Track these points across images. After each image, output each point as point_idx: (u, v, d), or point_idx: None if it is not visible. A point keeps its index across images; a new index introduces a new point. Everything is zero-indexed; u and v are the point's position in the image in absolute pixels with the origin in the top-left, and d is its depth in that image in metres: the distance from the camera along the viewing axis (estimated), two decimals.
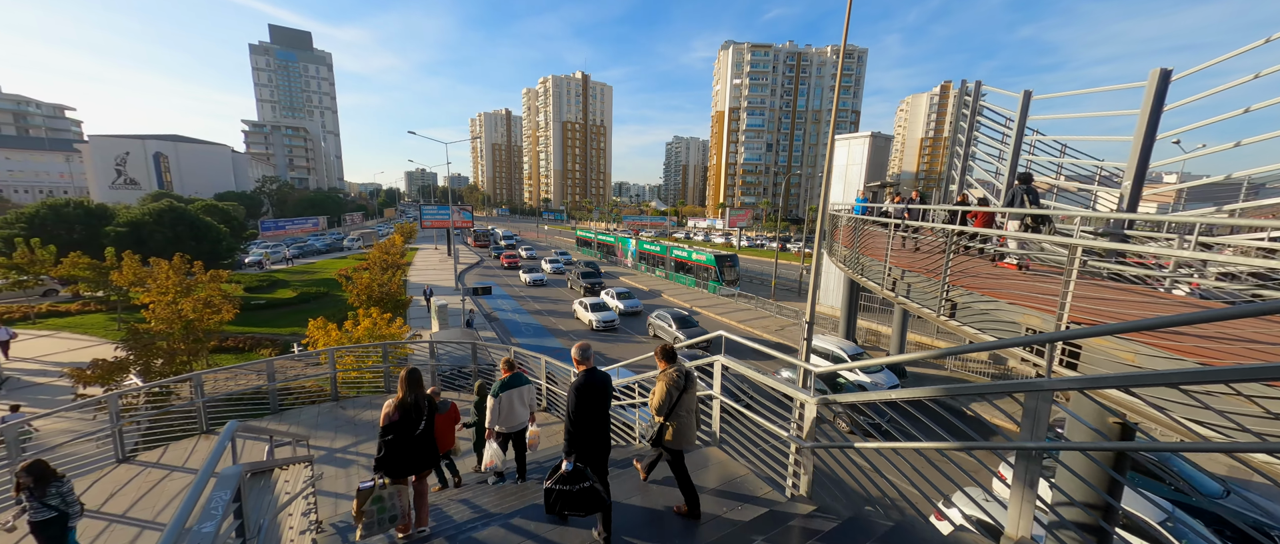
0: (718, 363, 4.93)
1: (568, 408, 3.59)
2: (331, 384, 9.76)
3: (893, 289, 8.48)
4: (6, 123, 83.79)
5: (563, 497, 3.46)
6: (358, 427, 8.76)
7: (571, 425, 3.57)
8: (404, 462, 4.01)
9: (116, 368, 10.94)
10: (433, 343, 10.49)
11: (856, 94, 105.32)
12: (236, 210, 43.39)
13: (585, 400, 3.56)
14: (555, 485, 3.50)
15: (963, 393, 2.85)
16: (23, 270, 21.08)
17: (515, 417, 5.21)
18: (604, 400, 3.68)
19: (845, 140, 28.45)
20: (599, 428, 3.66)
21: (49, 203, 27.27)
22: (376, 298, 18.18)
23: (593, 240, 53.87)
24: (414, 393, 4.05)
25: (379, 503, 3.84)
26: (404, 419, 3.96)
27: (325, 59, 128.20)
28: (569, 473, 3.48)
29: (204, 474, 2.41)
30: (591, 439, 3.62)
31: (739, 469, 4.76)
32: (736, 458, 4.93)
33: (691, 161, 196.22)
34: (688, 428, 3.87)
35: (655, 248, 41.54)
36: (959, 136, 14.75)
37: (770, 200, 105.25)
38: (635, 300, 27.05)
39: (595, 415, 3.62)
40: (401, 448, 3.96)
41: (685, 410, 3.85)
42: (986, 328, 5.82)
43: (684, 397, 3.84)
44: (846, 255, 11.82)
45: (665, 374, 3.86)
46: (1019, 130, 11.43)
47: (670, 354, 3.93)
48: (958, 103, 15.09)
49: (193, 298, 13.93)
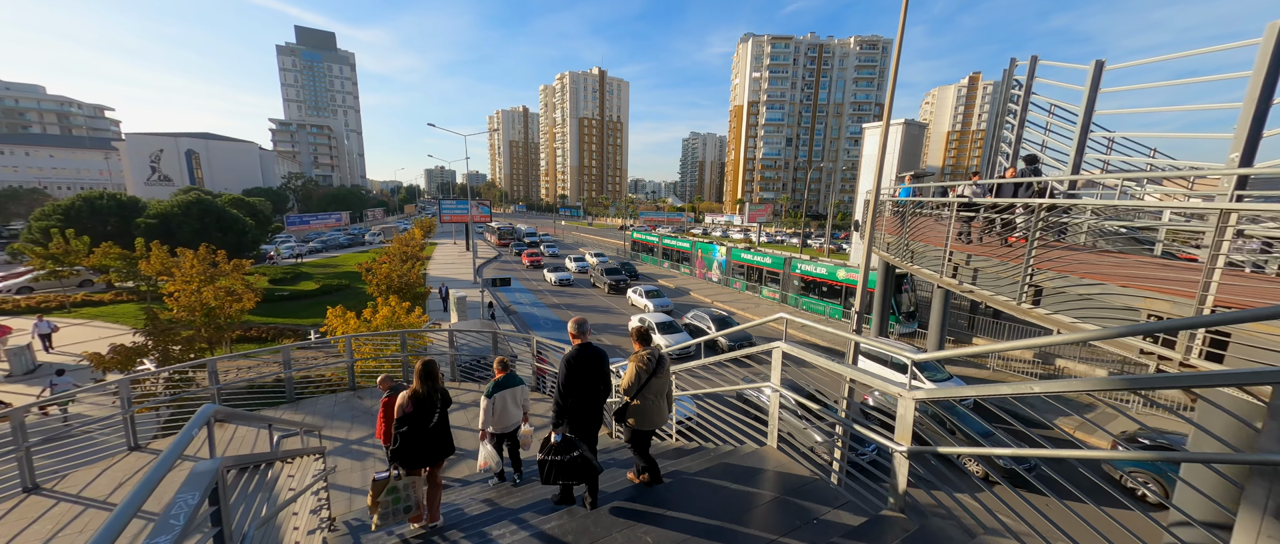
0: (777, 351, 4.25)
1: (558, 380, 3.65)
2: (349, 373, 9.40)
3: (954, 276, 7.63)
4: (51, 123, 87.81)
5: (556, 466, 3.56)
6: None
7: (560, 398, 3.65)
8: (418, 453, 4.01)
9: (135, 354, 10.86)
10: (452, 331, 10.05)
11: (881, 86, 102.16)
12: (263, 205, 44.27)
13: (576, 373, 3.63)
14: (548, 457, 3.59)
15: (1145, 385, 2.11)
16: (58, 260, 21.63)
17: (508, 417, 5.16)
18: (597, 375, 3.74)
19: (876, 127, 27.13)
20: (591, 402, 3.74)
21: (84, 195, 28.08)
22: (396, 287, 17.99)
23: (655, 246, 40.44)
24: (428, 385, 4.05)
25: (394, 494, 3.87)
26: (418, 411, 3.96)
27: (348, 59, 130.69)
28: (559, 443, 3.59)
29: (153, 474, 1.86)
30: (583, 412, 3.70)
31: (800, 470, 4.08)
32: (799, 460, 4.26)
33: (708, 158, 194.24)
34: (654, 411, 3.93)
35: (763, 259, 28.98)
36: (1007, 119, 13.68)
37: (790, 195, 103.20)
38: (665, 299, 25.71)
39: (587, 389, 3.69)
40: (416, 439, 3.97)
41: (653, 393, 3.90)
42: (1088, 315, 4.99)
43: (653, 380, 3.88)
44: (892, 243, 10.94)
45: (637, 355, 3.92)
46: (1089, 103, 10.36)
47: (645, 336, 3.98)
48: (1005, 82, 13.98)
49: (215, 286, 13.90)
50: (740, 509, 3.64)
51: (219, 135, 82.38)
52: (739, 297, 29.75)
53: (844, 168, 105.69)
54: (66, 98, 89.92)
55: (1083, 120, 10.55)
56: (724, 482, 4.03)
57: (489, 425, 5.04)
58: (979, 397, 2.99)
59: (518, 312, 26.31)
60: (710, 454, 4.91)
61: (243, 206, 36.12)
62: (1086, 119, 10.52)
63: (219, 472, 2.09)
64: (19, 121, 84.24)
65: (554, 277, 33.71)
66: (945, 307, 16.54)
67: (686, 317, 21.24)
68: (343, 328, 11.90)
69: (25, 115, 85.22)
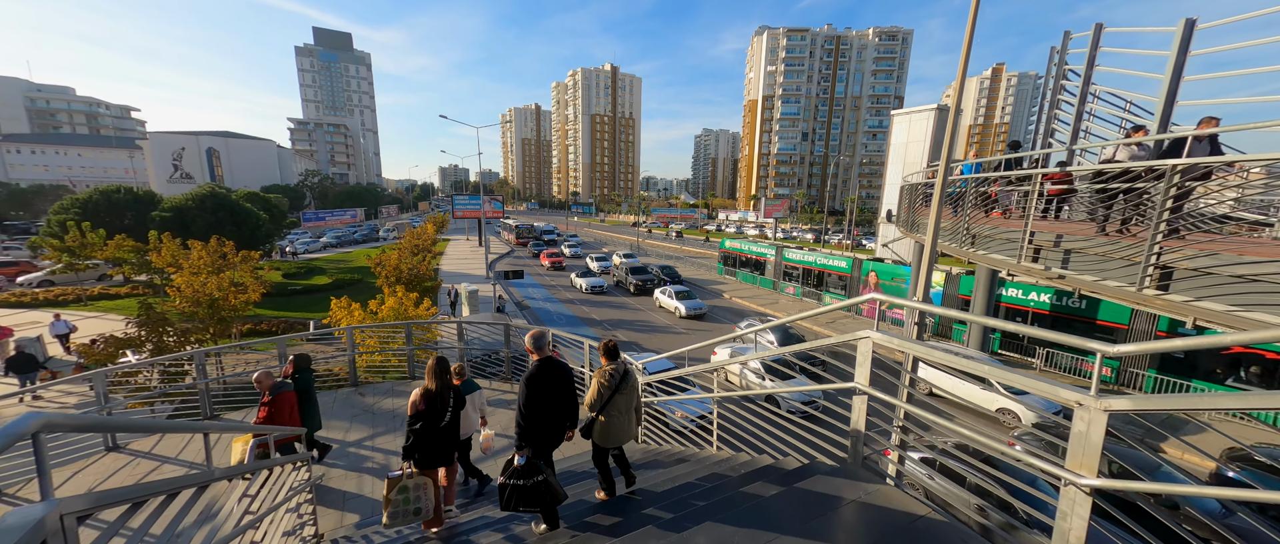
0: (866, 343, 3.31)
1: (519, 399, 3.51)
2: (350, 367, 8.69)
3: (1035, 260, 6.55)
4: (81, 123, 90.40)
5: (516, 492, 3.38)
6: (377, 416, 7.61)
7: (522, 418, 3.49)
8: (430, 453, 3.95)
9: (125, 345, 10.31)
10: (461, 323, 9.28)
11: (900, 78, 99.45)
12: (279, 201, 44.45)
13: (538, 391, 3.50)
14: (509, 480, 3.42)
15: None
16: (73, 253, 21.60)
17: (467, 423, 4.91)
18: (561, 392, 3.63)
19: (905, 115, 25.66)
20: (555, 421, 3.64)
21: (101, 189, 28.24)
22: (405, 279, 17.38)
23: (766, 261, 29.23)
24: (441, 382, 3.95)
25: (404, 493, 3.83)
26: (430, 409, 3.90)
27: (365, 59, 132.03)
28: (522, 467, 3.42)
29: None
30: (546, 432, 3.60)
31: (935, 518, 2.94)
32: (926, 503, 3.23)
33: (721, 154, 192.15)
34: (619, 427, 3.84)
35: (823, 261, 24.45)
36: (1063, 98, 12.38)
37: (806, 191, 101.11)
38: (697, 301, 23.56)
39: (550, 408, 3.58)
40: (428, 438, 3.91)
41: (618, 410, 3.83)
42: (1255, 302, 3.93)
43: (617, 396, 3.80)
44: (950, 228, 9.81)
45: (601, 370, 3.86)
46: (1175, 72, 9.11)
47: (611, 351, 3.92)
48: (1059, 57, 12.67)
49: (220, 277, 13.42)
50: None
51: (238, 134, 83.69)
52: (799, 304, 26.16)
53: (862, 162, 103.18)
54: (95, 99, 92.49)
55: (1167, 90, 9.30)
56: (791, 510, 3.11)
57: None
58: (1213, 408, 2.02)
59: (531, 306, 25.61)
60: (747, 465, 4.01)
61: (257, 201, 36.19)
62: (1172, 89, 9.27)
63: (45, 527, 1.24)
64: (50, 122, 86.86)
65: (584, 282, 28.37)
66: (989, 301, 15.20)
67: (739, 327, 18.36)
68: (347, 320, 11.27)
69: (56, 116, 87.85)
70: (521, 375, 3.54)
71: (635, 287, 28.08)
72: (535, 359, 3.61)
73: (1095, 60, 11.76)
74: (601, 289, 27.90)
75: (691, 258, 45.53)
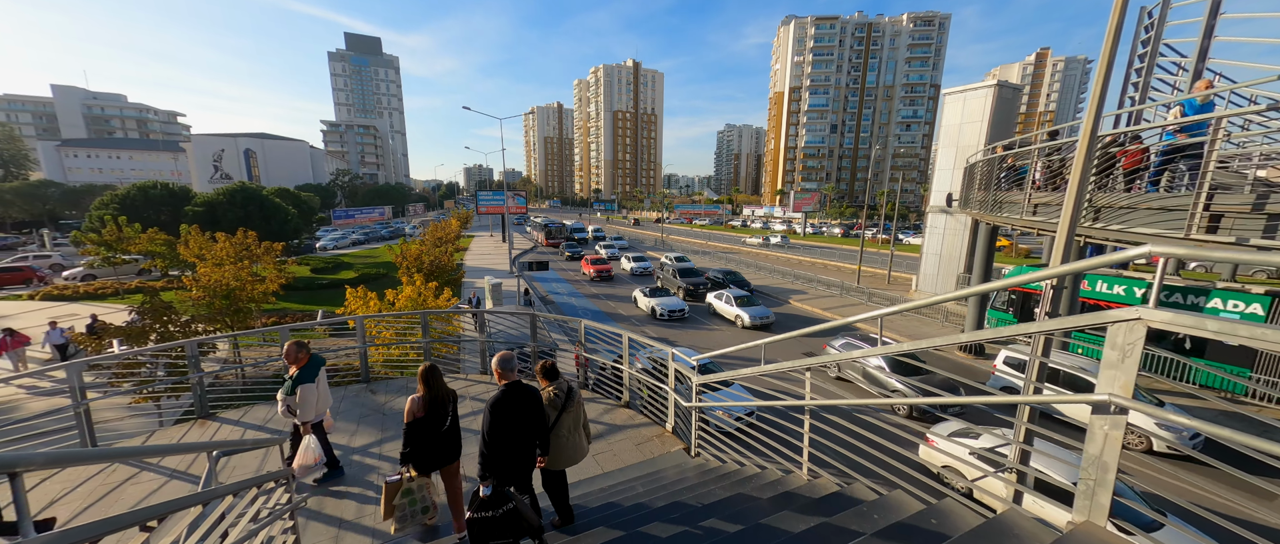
0: (1134, 330, 2.00)
1: (483, 427, 3.29)
2: (361, 361, 7.80)
3: (1212, 231, 5.00)
4: (132, 128, 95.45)
5: (485, 525, 3.12)
6: (387, 418, 6.66)
7: (486, 446, 3.26)
8: (431, 458, 3.84)
9: (125, 334, 9.77)
10: (483, 314, 8.28)
11: (936, 66, 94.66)
12: (311, 198, 45.20)
13: (504, 418, 3.30)
14: (476, 514, 3.16)
15: None
16: (110, 246, 21.93)
17: (321, 405, 4.90)
18: (529, 417, 3.42)
19: (959, 94, 23.49)
20: (522, 445, 3.43)
21: (138, 185, 28.92)
22: (426, 269, 16.67)
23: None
24: (438, 387, 3.86)
25: (409, 496, 3.74)
26: (431, 414, 3.78)
27: (393, 63, 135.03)
28: (488, 498, 3.17)
29: None
30: (513, 458, 3.37)
31: None
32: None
33: (743, 149, 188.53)
34: (569, 448, 3.76)
35: None
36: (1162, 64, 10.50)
37: (835, 185, 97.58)
38: (763, 308, 19.99)
39: (518, 434, 3.37)
40: (430, 444, 3.80)
41: (565, 430, 3.75)
42: None
43: (564, 415, 3.74)
44: (1040, 205, 8.18)
45: (545, 392, 3.77)
46: None
47: (551, 371, 3.85)
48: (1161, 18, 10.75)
49: (237, 267, 12.95)
50: None
51: (273, 135, 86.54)
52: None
53: (895, 154, 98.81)
54: (144, 105, 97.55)
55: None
56: None
57: (307, 416, 4.71)
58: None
59: (555, 301, 24.71)
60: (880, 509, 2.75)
61: (286, 197, 36.67)
62: None
63: None
64: (104, 128, 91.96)
65: (657, 304, 20.23)
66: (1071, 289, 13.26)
67: (832, 347, 13.80)
68: (363, 310, 10.50)
69: (109, 122, 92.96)
70: (486, 403, 3.29)
71: (685, 291, 24.09)
72: (502, 383, 3.41)
73: (1215, 29, 9.99)
74: (682, 314, 20.01)
75: (719, 254, 43.86)
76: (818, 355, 3.90)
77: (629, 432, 6.08)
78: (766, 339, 4.41)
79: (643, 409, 6.58)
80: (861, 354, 3.21)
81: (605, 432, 6.09)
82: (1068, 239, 5.26)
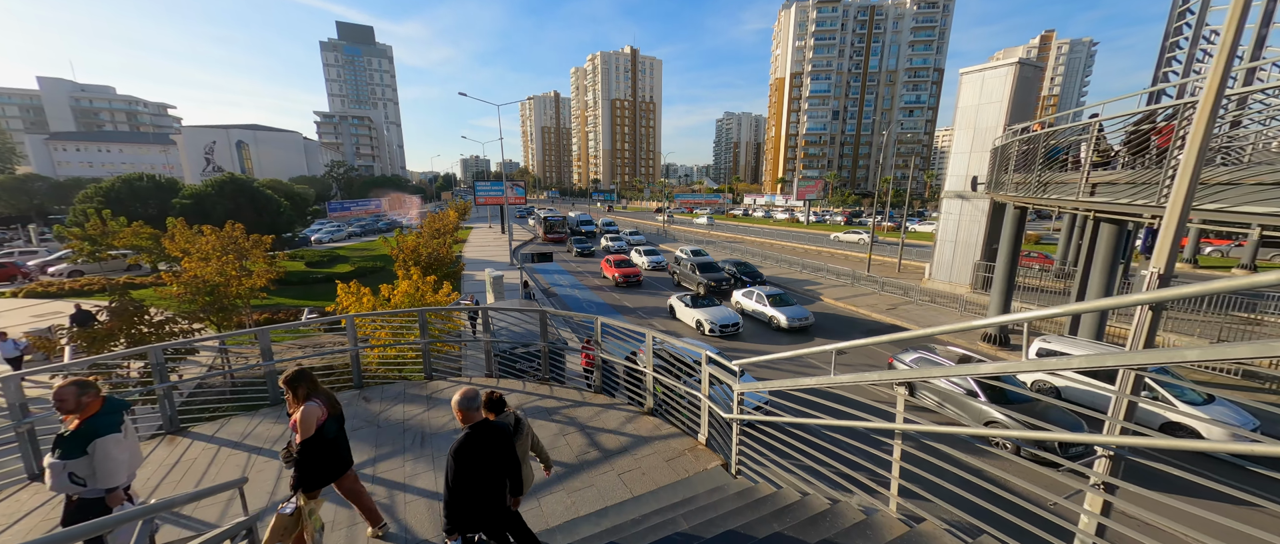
0: None
1: (446, 475, 2.95)
2: (353, 363, 7.04)
3: None
4: (121, 121, 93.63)
5: None
6: (382, 430, 5.93)
7: (449, 495, 2.93)
8: (326, 472, 3.63)
9: (102, 336, 9.00)
10: (485, 311, 7.52)
11: (940, 50, 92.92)
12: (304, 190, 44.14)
13: (470, 464, 2.95)
14: None
15: None
16: (94, 240, 21.06)
17: (135, 464, 3.59)
18: (498, 459, 3.07)
19: (977, 73, 22.48)
20: (491, 489, 3.07)
21: (124, 177, 27.92)
22: (423, 262, 15.88)
23: None
24: (326, 394, 3.72)
25: (314, 518, 3.45)
26: (333, 423, 3.64)
27: (386, 52, 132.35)
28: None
29: None
30: (482, 505, 3.02)
31: None
32: None
33: (743, 138, 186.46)
34: None
35: None
36: (1206, 40, 9.63)
37: (837, 172, 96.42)
38: (800, 309, 17.96)
39: (484, 477, 3.01)
40: (327, 457, 3.60)
41: None
42: None
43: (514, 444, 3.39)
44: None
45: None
46: None
47: (495, 403, 3.42)
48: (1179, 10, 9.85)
49: (221, 261, 12.16)
50: None
51: (266, 126, 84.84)
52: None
53: (898, 140, 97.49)
54: (134, 97, 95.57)
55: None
56: None
57: (115, 479, 3.28)
58: None
59: (557, 292, 23.95)
60: None
61: (278, 189, 35.63)
62: None
63: None
64: (93, 120, 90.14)
65: (705, 318, 16.63)
66: (1010, 273, 12.36)
67: (903, 361, 11.18)
68: (356, 307, 9.75)
69: (98, 114, 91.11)
70: (450, 449, 2.96)
71: (708, 287, 22.04)
72: (464, 425, 3.09)
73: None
74: (736, 329, 16.59)
75: (725, 243, 43.03)
76: (881, 369, 3.14)
77: (657, 444, 5.35)
78: (836, 345, 3.63)
79: (669, 417, 5.85)
80: (996, 369, 2.44)
81: (630, 444, 5.37)
82: (1180, 220, 4.46)
